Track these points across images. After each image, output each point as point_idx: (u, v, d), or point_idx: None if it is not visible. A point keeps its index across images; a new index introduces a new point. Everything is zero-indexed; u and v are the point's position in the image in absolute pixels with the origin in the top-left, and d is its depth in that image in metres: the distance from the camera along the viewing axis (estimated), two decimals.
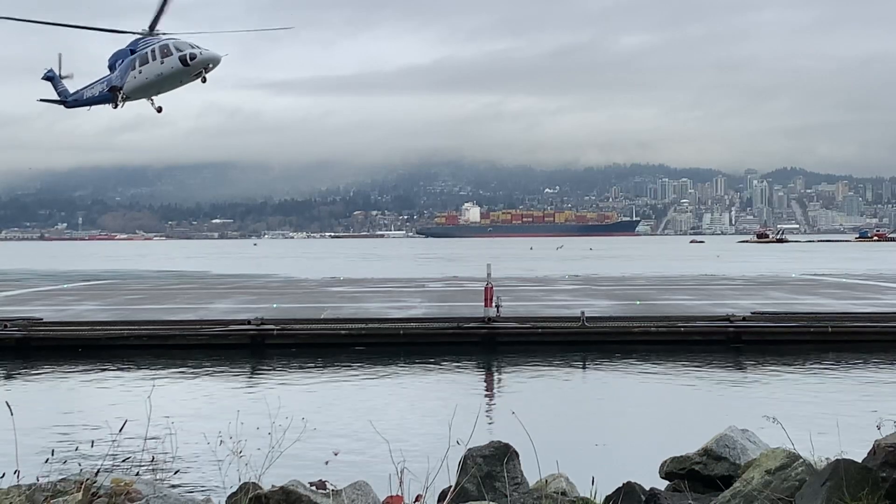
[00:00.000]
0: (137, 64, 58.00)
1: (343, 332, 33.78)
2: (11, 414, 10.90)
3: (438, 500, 11.04)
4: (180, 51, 56.31)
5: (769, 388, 26.47)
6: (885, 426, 11.02)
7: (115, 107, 61.13)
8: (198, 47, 56.79)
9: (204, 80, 57.47)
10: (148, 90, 59.26)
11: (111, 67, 61.17)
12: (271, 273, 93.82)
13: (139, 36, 58.48)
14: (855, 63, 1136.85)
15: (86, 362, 31.01)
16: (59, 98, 66.51)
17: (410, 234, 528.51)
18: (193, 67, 56.23)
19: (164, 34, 58.53)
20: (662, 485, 12.07)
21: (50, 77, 66.38)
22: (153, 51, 57.42)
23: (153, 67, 57.39)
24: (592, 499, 11.00)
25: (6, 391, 26.53)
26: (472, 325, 34.22)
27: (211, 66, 56.65)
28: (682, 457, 12.18)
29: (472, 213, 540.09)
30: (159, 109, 61.71)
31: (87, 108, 63.57)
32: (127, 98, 59.98)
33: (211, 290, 52.63)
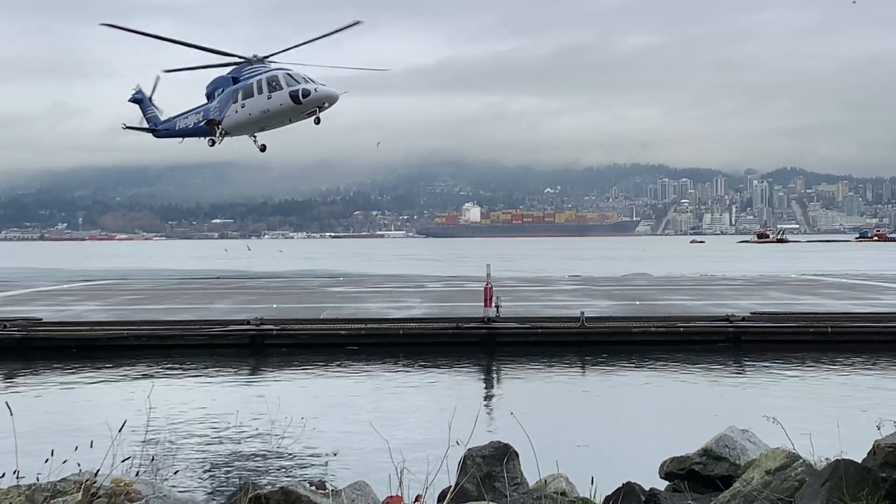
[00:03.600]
0: (240, 97, 50.60)
1: (343, 332, 33.78)
2: (11, 414, 10.91)
3: (438, 500, 11.05)
4: (292, 85, 48.84)
5: (769, 388, 26.47)
6: (885, 426, 11.02)
7: (213, 143, 53.82)
8: (312, 81, 49.24)
9: (318, 121, 49.87)
10: (250, 127, 52.10)
11: (209, 96, 53.95)
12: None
13: (244, 61, 51.29)
14: (856, 63, 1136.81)
15: (86, 362, 31.02)
16: (147, 126, 58.49)
17: (410, 234, 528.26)
18: (306, 105, 48.52)
19: (272, 62, 51.08)
20: (662, 485, 12.07)
21: (138, 99, 58.54)
22: (259, 83, 50.03)
23: (258, 102, 49.95)
24: (592, 499, 11.00)
25: (6, 391, 26.52)
26: (471, 325, 34.22)
27: (327, 104, 48.96)
28: (682, 457, 12.18)
29: (473, 214, 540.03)
30: (262, 148, 54.42)
31: (180, 140, 56.33)
32: (227, 134, 52.77)
33: (211, 290, 52.63)
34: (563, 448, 16.75)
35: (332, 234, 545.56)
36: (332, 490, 10.40)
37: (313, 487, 10.40)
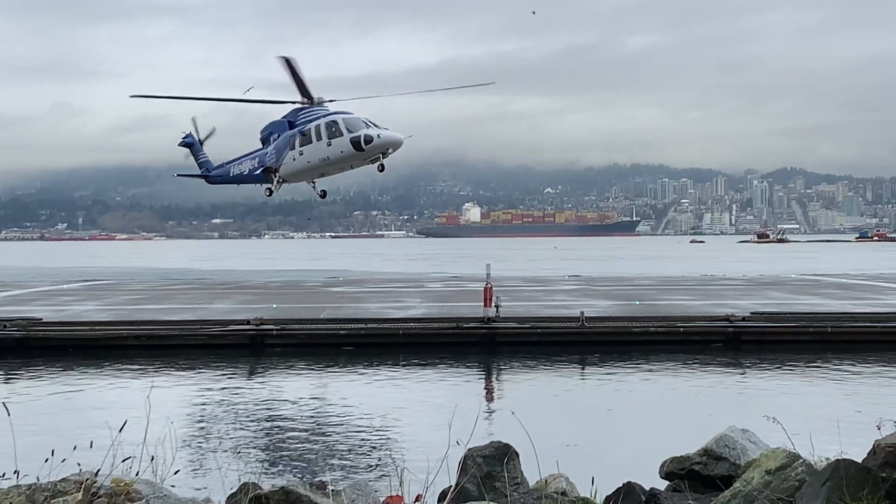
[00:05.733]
0: (298, 143, 47.99)
1: (343, 332, 33.77)
2: (9, 414, 10.91)
3: (438, 500, 11.05)
4: (353, 130, 46.00)
5: (769, 388, 26.48)
6: (885, 426, 11.02)
7: (270, 193, 51.50)
8: (373, 126, 46.18)
9: (381, 168, 47.00)
10: (309, 174, 49.58)
11: (264, 141, 51.33)
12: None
13: (298, 105, 48.78)
14: (857, 64, 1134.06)
15: (85, 362, 31.03)
16: (199, 172, 56.38)
17: (410, 234, 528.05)
18: (369, 153, 45.79)
19: (328, 102, 48.19)
20: (662, 485, 12.07)
21: (189, 143, 56.16)
22: (318, 128, 47.26)
23: (317, 149, 47.22)
24: (592, 499, 11.00)
25: (6, 391, 26.53)
26: (471, 325, 34.20)
27: (391, 150, 46.26)
28: (682, 457, 12.18)
29: (473, 214, 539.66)
30: (323, 194, 52.60)
31: (235, 185, 54.50)
32: (284, 181, 50.32)
33: (210, 290, 52.62)
34: (563, 448, 16.77)
35: (332, 234, 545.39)
36: (333, 490, 10.40)
37: (313, 487, 10.40)
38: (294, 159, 48.43)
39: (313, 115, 47.96)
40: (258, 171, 51.26)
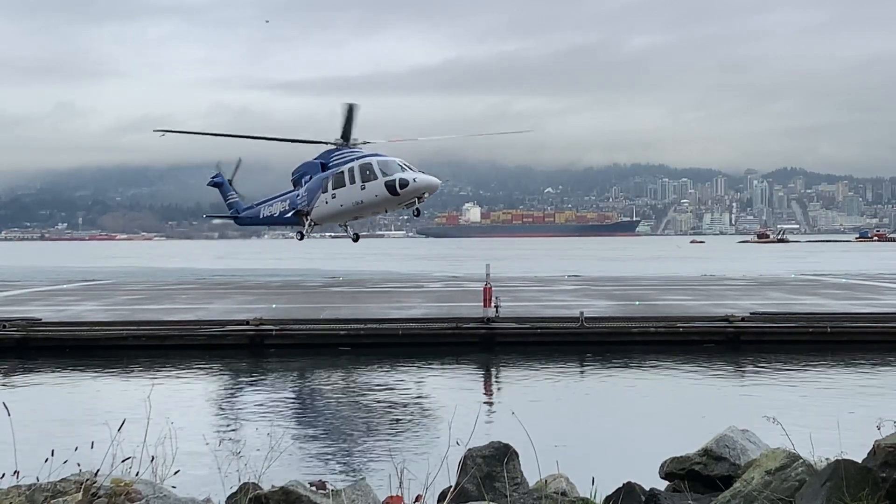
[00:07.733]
0: (331, 186, 46.86)
1: (342, 332, 33.77)
2: (9, 414, 10.91)
3: (438, 500, 11.05)
4: (387, 174, 44.75)
5: (769, 388, 26.47)
6: (885, 426, 11.01)
7: (302, 237, 51.16)
8: (410, 169, 44.99)
9: (417, 213, 46.99)
10: (342, 218, 48.73)
11: (296, 182, 50.52)
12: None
13: (332, 146, 47.78)
14: (858, 64, 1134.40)
15: (85, 363, 31.03)
16: (229, 213, 56.26)
17: (411, 234, 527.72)
18: (403, 197, 44.83)
19: (362, 144, 47.01)
20: (662, 485, 12.08)
21: (218, 183, 55.95)
22: (351, 171, 45.95)
23: (351, 193, 45.96)
24: (592, 499, 11.00)
25: (6, 391, 26.52)
26: (471, 325, 34.20)
27: (426, 194, 45.67)
28: (682, 457, 12.18)
29: (473, 214, 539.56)
30: (356, 238, 52.07)
31: (266, 227, 55.72)
32: (315, 224, 49.74)
33: (210, 290, 52.59)
34: (563, 448, 16.76)
35: (332, 234, 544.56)
36: (332, 490, 10.39)
37: (313, 487, 10.40)
38: (326, 202, 47.30)
39: (347, 156, 46.69)
40: (289, 214, 50.25)
